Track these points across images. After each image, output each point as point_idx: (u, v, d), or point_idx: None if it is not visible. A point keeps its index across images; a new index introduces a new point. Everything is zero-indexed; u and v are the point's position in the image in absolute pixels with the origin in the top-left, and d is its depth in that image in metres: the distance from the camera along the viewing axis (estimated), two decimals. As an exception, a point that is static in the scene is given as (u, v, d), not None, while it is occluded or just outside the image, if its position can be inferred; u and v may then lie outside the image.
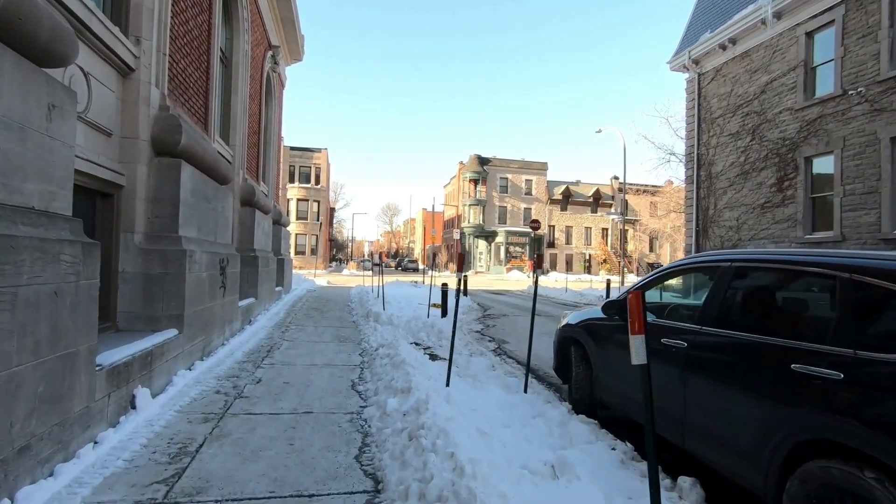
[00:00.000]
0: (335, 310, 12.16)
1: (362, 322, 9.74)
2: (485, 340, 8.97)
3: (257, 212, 10.39)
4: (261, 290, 10.24)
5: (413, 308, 11.81)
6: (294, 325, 9.29)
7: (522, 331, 10.15)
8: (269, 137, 14.37)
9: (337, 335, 8.34)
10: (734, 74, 17.87)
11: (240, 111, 9.77)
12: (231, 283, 7.38)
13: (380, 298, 12.63)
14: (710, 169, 18.84)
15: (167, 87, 5.58)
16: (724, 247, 17.85)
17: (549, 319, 12.11)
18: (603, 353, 4.28)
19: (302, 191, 48.99)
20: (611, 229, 57.32)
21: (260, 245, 10.71)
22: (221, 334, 6.88)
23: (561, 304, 16.82)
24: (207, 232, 6.36)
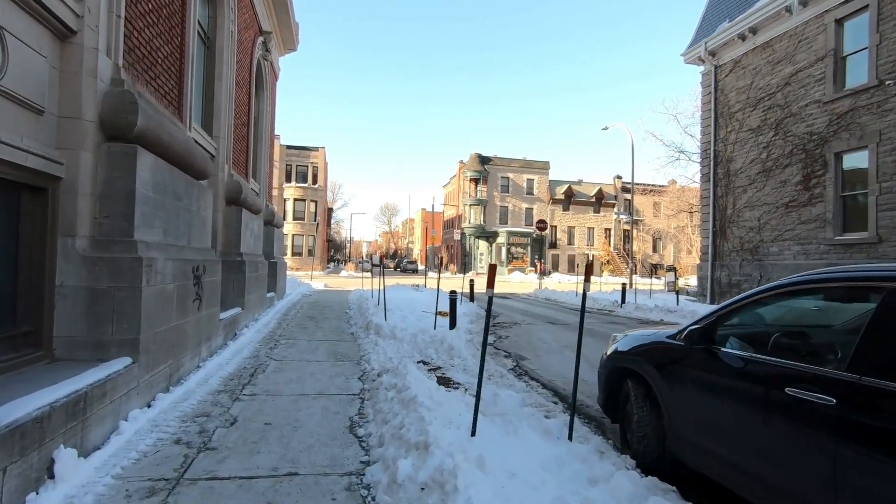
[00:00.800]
0: (331, 319, 11.13)
1: (361, 334, 8.71)
2: (500, 356, 7.96)
3: (245, 211, 9.35)
4: (248, 299, 9.21)
5: (417, 317, 10.79)
6: (285, 338, 8.26)
7: (539, 343, 9.13)
8: (261, 131, 13.34)
9: (333, 352, 7.32)
10: (755, 66, 16.90)
11: (225, 99, 8.74)
12: (210, 293, 6.35)
13: (380, 306, 11.59)
14: (728, 166, 17.87)
15: (122, 58, 4.55)
16: (744, 248, 16.89)
17: (567, 328, 11.10)
18: (683, 396, 3.26)
19: (299, 190, 47.93)
20: (613, 229, 56.40)
21: (248, 248, 9.68)
22: (196, 355, 5.85)
23: (573, 310, 15.82)
24: (177, 235, 5.33)
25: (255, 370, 5.97)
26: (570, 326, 11.59)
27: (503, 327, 11.31)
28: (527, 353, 8.28)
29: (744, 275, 16.75)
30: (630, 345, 4.12)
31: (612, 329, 11.17)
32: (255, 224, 10.42)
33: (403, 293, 17.06)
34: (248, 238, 9.67)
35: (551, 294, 20.69)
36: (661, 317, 13.66)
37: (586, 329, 11.10)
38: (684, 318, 13.13)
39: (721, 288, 17.70)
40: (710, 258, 18.28)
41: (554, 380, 6.47)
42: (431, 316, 11.01)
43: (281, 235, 15.51)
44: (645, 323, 12.73)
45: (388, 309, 11.14)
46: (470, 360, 6.84)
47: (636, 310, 14.63)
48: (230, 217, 8.88)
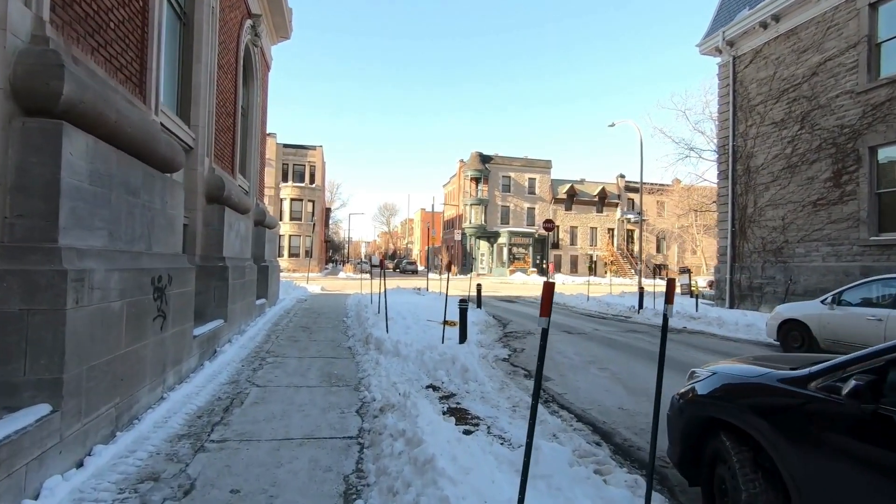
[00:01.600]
0: (327, 329, 10.09)
1: (360, 349, 7.69)
2: (518, 375, 6.94)
3: (229, 210, 8.32)
4: (233, 309, 8.17)
5: (422, 327, 9.76)
6: (273, 355, 7.22)
7: (561, 358, 8.11)
8: (251, 124, 12.31)
9: (327, 373, 6.29)
10: (778, 56, 15.92)
11: (205, 84, 7.70)
12: (179, 307, 5.32)
13: (381, 314, 10.56)
14: (749, 162, 16.87)
15: (51, 11, 3.52)
16: (767, 249, 15.91)
17: (585, 339, 10.07)
18: (828, 474, 2.23)
19: (296, 190, 46.87)
20: (617, 229, 55.43)
21: (233, 251, 8.65)
22: (159, 384, 4.82)
23: (587, 316, 14.81)
24: (131, 238, 4.30)
25: (231, 401, 4.93)
26: (589, 336, 10.57)
27: (516, 337, 10.29)
28: (549, 370, 7.25)
29: (766, 277, 15.76)
30: (720, 386, 3.10)
31: (635, 340, 10.17)
32: (241, 225, 9.39)
33: (405, 297, 16.04)
34: (233, 240, 8.63)
35: (560, 298, 19.67)
36: (683, 324, 12.65)
37: (605, 340, 10.05)
38: (710, 325, 12.13)
39: (741, 291, 16.71)
40: (728, 260, 17.29)
41: (588, 409, 5.44)
42: (437, 326, 9.99)
43: (274, 237, 14.48)
44: (669, 331, 11.72)
45: (390, 317, 10.11)
46: (488, 385, 5.81)
47: (655, 316, 13.61)
48: (211, 216, 7.85)
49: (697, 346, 9.78)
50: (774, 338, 9.37)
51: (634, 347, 9.28)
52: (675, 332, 11.69)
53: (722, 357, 8.46)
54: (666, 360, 7.85)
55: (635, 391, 6.17)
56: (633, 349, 9.08)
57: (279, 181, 46.56)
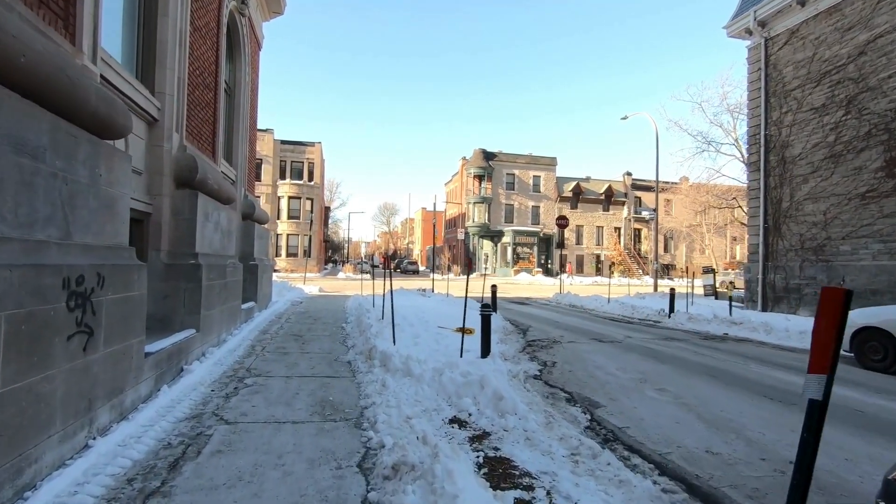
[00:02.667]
0: (323, 337, 8.71)
1: (362, 365, 6.31)
2: (559, 398, 5.57)
3: (205, 198, 6.94)
4: (208, 316, 6.78)
5: (433, 336, 8.38)
6: (254, 374, 5.84)
7: (602, 374, 6.72)
8: (238, 106, 10.93)
9: (320, 400, 4.91)
10: (817, 35, 14.56)
11: (173, 42, 6.33)
12: (119, 319, 3.95)
13: (385, 321, 9.19)
14: (784, 153, 15.51)
15: None
16: (805, 247, 14.54)
17: (621, 348, 8.67)
18: None
19: (294, 188, 45.47)
20: (623, 228, 54.08)
21: (210, 247, 7.27)
22: (80, 429, 3.44)
23: (610, 320, 13.43)
24: (25, 222, 2.92)
25: (184, 450, 3.55)
26: (624, 345, 9.20)
27: (542, 347, 8.91)
28: (594, 391, 5.88)
29: (806, 278, 14.39)
30: None
31: (680, 350, 8.79)
32: (223, 216, 8.01)
33: (409, 300, 14.65)
34: (211, 234, 7.25)
35: (575, 299, 18.30)
36: (723, 330, 11.27)
37: (645, 350, 8.66)
38: (755, 332, 10.77)
39: (775, 293, 15.35)
40: (760, 259, 15.91)
41: (667, 454, 4.06)
42: (450, 335, 8.62)
43: (265, 233, 13.10)
44: (710, 338, 10.37)
45: (395, 324, 8.74)
46: (531, 419, 4.42)
47: (689, 321, 12.23)
48: (181, 204, 6.47)
49: (753, 357, 8.40)
50: (847, 348, 8.00)
51: (685, 361, 7.90)
52: (718, 339, 10.32)
53: (793, 373, 7.10)
54: (730, 377, 6.34)
55: (717, 424, 4.80)
56: (684, 363, 7.70)
57: (276, 178, 45.18)
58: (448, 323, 10.06)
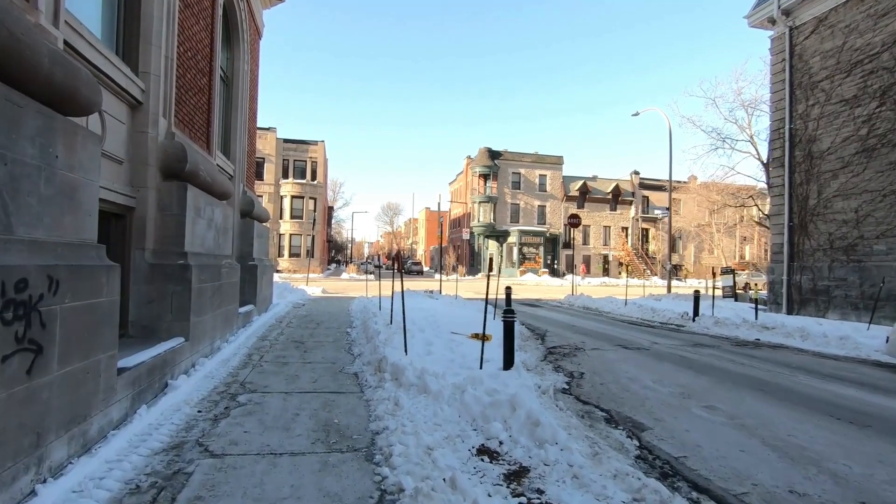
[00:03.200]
0: (327, 344, 8.02)
1: (371, 378, 5.62)
2: (596, 419, 4.85)
3: (195, 191, 6.27)
4: (199, 323, 6.10)
5: (446, 343, 7.67)
6: (248, 390, 5.14)
7: (638, 387, 6.00)
8: (236, 96, 10.27)
9: (324, 424, 4.21)
10: (847, 23, 13.80)
11: (158, 16, 5.66)
12: (82, 330, 3.27)
13: (394, 325, 8.49)
14: (810, 147, 14.74)
15: None
16: (835, 246, 13.77)
17: (649, 356, 7.93)
18: None
19: (296, 187, 44.84)
20: (631, 228, 53.25)
21: (202, 245, 6.58)
22: (25, 471, 2.74)
23: (630, 324, 12.69)
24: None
25: (155, 497, 2.85)
26: (653, 353, 8.47)
27: (564, 355, 8.19)
28: (634, 409, 5.16)
29: (835, 279, 13.62)
30: None
31: (716, 359, 8.06)
32: (217, 213, 7.33)
33: (417, 302, 13.95)
34: (203, 231, 6.56)
35: (589, 301, 17.56)
36: (754, 335, 10.52)
37: (678, 359, 7.93)
38: (790, 337, 10.02)
39: (801, 295, 14.57)
40: (785, 259, 15.14)
41: (744, 495, 3.35)
42: (465, 341, 7.93)
43: (265, 231, 12.43)
44: (742, 344, 9.62)
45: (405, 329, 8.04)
46: (574, 448, 3.70)
47: (716, 325, 11.48)
48: (168, 198, 5.79)
49: (797, 366, 7.66)
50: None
51: (724, 371, 7.16)
52: (751, 345, 9.57)
53: (851, 386, 6.36)
54: (781, 391, 5.51)
55: (789, 453, 4.07)
56: (724, 374, 6.97)
57: (279, 178, 44.59)
58: (461, 327, 9.37)
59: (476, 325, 10.02)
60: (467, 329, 9.34)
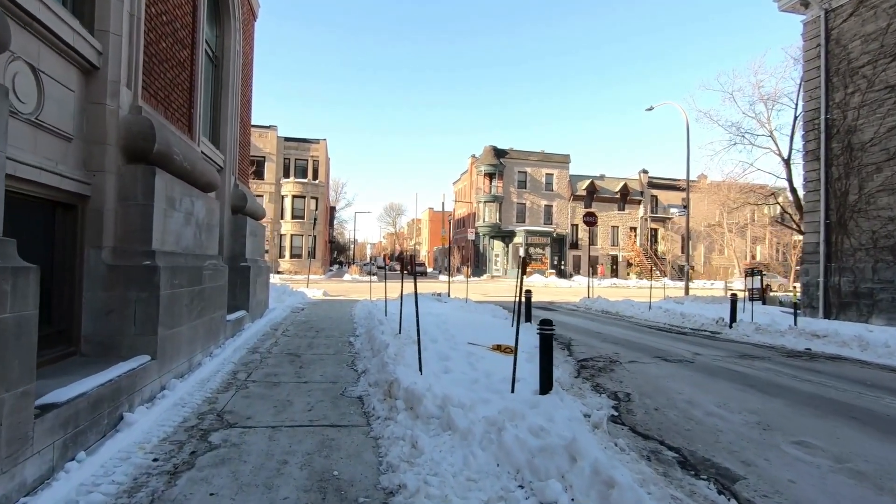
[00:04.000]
0: (326, 358, 6.97)
1: (379, 406, 4.57)
2: (669, 464, 3.79)
3: (170, 179, 5.24)
4: (170, 337, 5.06)
5: (464, 357, 6.61)
6: (225, 425, 4.09)
7: (700, 413, 4.93)
8: (226, 79, 9.26)
9: (319, 479, 3.16)
10: (893, 2, 12.76)
11: (121, -36, 4.60)
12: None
13: (403, 335, 7.44)
14: (850, 138, 13.66)
15: None
16: (879, 245, 12.69)
17: (696, 371, 6.84)
18: None
19: (298, 186, 43.86)
20: (640, 228, 52.11)
21: (180, 244, 5.55)
22: None
23: (658, 330, 11.61)
24: None
25: None
26: (699, 367, 7.40)
27: (599, 369, 7.12)
28: (710, 447, 4.09)
29: (881, 281, 12.52)
30: None
31: (775, 374, 6.97)
32: (199, 206, 6.29)
33: (425, 306, 12.87)
34: (179, 226, 5.53)
35: (607, 304, 16.48)
36: (803, 344, 9.43)
37: (733, 375, 6.74)
38: (846, 347, 8.94)
39: (840, 298, 13.47)
40: (821, 259, 14.04)
41: None
42: (486, 354, 6.87)
43: (261, 230, 11.39)
44: (794, 356, 8.54)
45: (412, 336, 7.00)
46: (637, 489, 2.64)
47: (757, 332, 10.39)
48: (132, 185, 4.75)
49: (873, 383, 6.57)
50: None
51: (794, 391, 6.08)
52: (805, 357, 8.48)
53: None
54: (880, 420, 4.14)
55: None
56: (796, 396, 5.89)
57: (280, 177, 43.63)
58: (477, 336, 8.32)
59: (493, 333, 8.98)
60: (484, 338, 8.30)
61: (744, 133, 24.67)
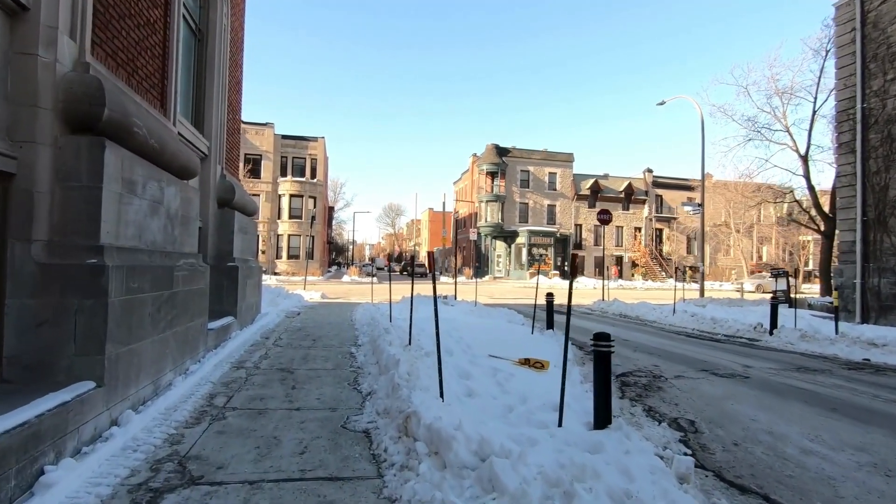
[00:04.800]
0: (324, 376, 5.92)
1: (392, 447, 3.53)
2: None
3: (129, 158, 4.20)
4: (124, 356, 4.00)
5: (488, 375, 5.57)
6: (186, 480, 3.03)
7: (786, 447, 3.90)
8: (211, 54, 8.25)
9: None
10: (940, -20, 11.78)
11: None
12: None
13: (414, 347, 6.40)
14: (890, 129, 12.67)
15: None
16: (925, 244, 11.68)
17: (758, 388, 5.80)
18: None
19: (295, 185, 42.78)
20: (644, 228, 51.17)
21: (142, 239, 4.50)
22: None
23: (687, 336, 10.59)
24: None
25: None
26: (757, 383, 6.37)
27: (642, 386, 6.08)
28: (842, 512, 3.05)
29: (928, 283, 11.52)
30: None
31: (841, 390, 5.93)
32: (171, 193, 5.25)
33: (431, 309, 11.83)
34: (142, 216, 4.48)
35: (625, 308, 15.46)
36: (858, 353, 8.41)
37: (803, 394, 5.34)
38: (911, 357, 7.89)
39: (881, 301, 12.48)
40: (858, 259, 13.04)
41: None
42: (514, 370, 5.81)
43: (251, 226, 10.33)
44: (854, 367, 7.52)
45: (428, 351, 5.97)
46: None
47: (802, 339, 9.37)
48: (74, 161, 3.70)
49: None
50: None
51: (888, 416, 5.05)
52: (868, 369, 7.46)
53: None
54: None
55: None
56: (893, 422, 4.85)
57: (277, 175, 42.56)
58: (497, 346, 7.27)
59: (514, 343, 7.92)
60: (505, 349, 7.23)
61: (759, 128, 23.71)
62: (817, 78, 22.04)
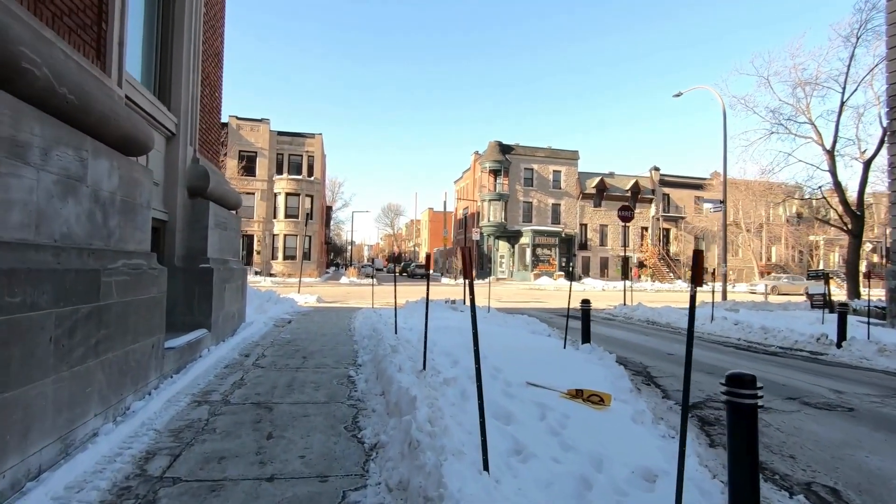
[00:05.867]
0: (312, 415, 4.47)
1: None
2: None
3: (20, 108, 2.75)
4: (21, 399, 2.56)
5: (536, 417, 4.15)
6: None
7: None
8: (180, 18, 6.86)
9: None
10: None
11: None
12: None
13: (428, 372, 4.99)
14: (954, 113, 11.35)
15: None
16: None
17: (857, 422, 4.48)
18: None
19: (291, 183, 41.30)
20: (651, 228, 49.82)
21: (43, 231, 3.07)
22: None
23: (737, 349, 9.18)
24: None
25: None
26: (864, 415, 4.97)
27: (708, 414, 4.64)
28: None
29: None
30: None
31: None
32: (100, 169, 3.83)
33: (439, 316, 10.43)
34: (38, 197, 3.06)
35: (651, 312, 14.05)
36: (956, 372, 7.01)
37: None
38: None
39: (943, 306, 11.11)
40: (915, 259, 11.68)
41: None
42: (567, 406, 4.40)
43: (232, 220, 8.88)
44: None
45: (447, 378, 4.58)
46: None
47: (881, 354, 7.97)
48: None
49: None
50: None
51: None
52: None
53: None
54: None
55: None
56: None
57: (272, 173, 41.10)
58: (527, 366, 5.86)
59: (548, 362, 6.48)
60: (539, 369, 5.82)
61: (782, 121, 22.36)
62: (846, 67, 20.74)
